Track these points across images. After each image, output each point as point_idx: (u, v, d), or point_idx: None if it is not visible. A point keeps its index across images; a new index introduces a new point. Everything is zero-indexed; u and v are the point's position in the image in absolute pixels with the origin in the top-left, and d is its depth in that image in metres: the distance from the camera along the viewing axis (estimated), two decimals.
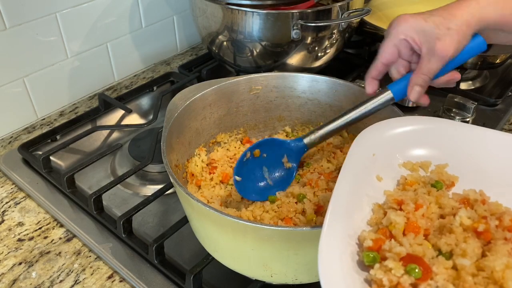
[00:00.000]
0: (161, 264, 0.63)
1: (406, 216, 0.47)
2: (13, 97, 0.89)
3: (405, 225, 0.46)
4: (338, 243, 0.44)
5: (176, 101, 0.66)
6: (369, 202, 0.50)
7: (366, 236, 0.45)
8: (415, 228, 0.46)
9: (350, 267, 0.43)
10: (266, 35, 0.85)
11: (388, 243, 0.44)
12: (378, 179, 0.53)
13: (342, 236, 0.44)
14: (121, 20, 1.01)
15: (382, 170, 0.53)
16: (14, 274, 0.64)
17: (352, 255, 0.44)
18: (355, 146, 0.53)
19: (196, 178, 0.67)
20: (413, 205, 0.48)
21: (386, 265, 0.42)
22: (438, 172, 0.54)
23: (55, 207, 0.74)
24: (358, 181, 0.50)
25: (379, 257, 0.43)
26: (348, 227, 0.46)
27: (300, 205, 0.61)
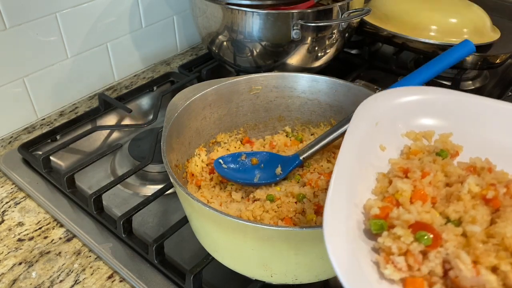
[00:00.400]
0: (161, 264, 0.63)
1: (412, 184, 0.46)
2: (13, 97, 0.89)
3: (412, 193, 0.45)
4: (344, 211, 0.42)
5: (176, 101, 0.66)
6: (373, 171, 0.49)
7: (372, 204, 0.44)
8: (422, 196, 0.45)
9: (356, 235, 0.42)
10: (266, 35, 0.85)
11: (395, 210, 0.43)
12: (382, 148, 0.52)
13: (347, 205, 0.43)
14: (121, 20, 1.01)
15: (385, 139, 0.52)
16: (14, 274, 0.64)
17: (358, 224, 0.43)
18: (358, 115, 0.52)
19: (196, 178, 0.67)
20: (420, 173, 0.47)
21: (395, 232, 0.41)
22: (442, 141, 0.53)
23: (55, 207, 0.74)
24: (361, 150, 0.49)
25: (386, 225, 0.42)
26: (353, 195, 0.45)
27: (300, 205, 0.61)
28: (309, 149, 0.66)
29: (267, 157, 0.69)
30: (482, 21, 0.97)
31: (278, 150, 0.73)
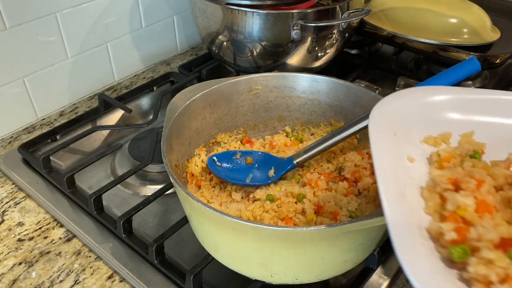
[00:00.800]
0: (161, 264, 0.63)
1: (472, 196, 0.41)
2: (13, 97, 0.89)
3: (475, 206, 0.41)
4: (411, 241, 0.38)
5: (176, 101, 0.66)
6: (413, 188, 0.45)
7: (443, 228, 0.39)
8: (487, 207, 0.40)
9: (436, 266, 0.37)
10: (266, 35, 0.85)
11: (473, 230, 0.38)
12: (410, 160, 0.48)
13: (410, 232, 0.39)
14: (121, 20, 1.01)
15: (408, 149, 0.49)
16: (14, 274, 0.64)
17: (431, 252, 0.38)
18: (374, 131, 0.47)
19: (196, 178, 0.67)
20: (474, 182, 0.43)
21: (485, 256, 0.36)
22: (466, 141, 0.50)
23: (55, 207, 0.74)
24: (393, 168, 0.44)
25: (469, 249, 0.37)
26: (411, 220, 0.40)
27: (300, 205, 0.61)
28: (304, 153, 0.66)
29: (262, 158, 0.70)
30: (482, 21, 0.97)
31: (278, 150, 0.73)
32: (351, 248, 0.53)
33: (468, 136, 0.51)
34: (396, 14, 1.00)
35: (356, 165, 0.68)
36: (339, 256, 0.53)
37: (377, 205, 0.61)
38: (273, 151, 0.73)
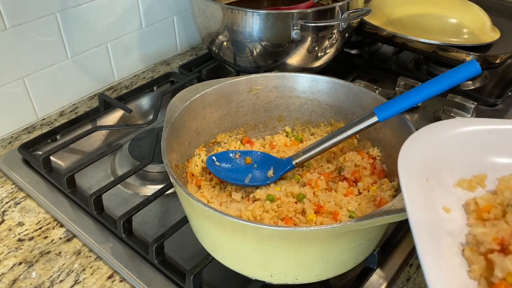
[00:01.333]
0: (161, 264, 0.63)
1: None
2: (13, 97, 0.89)
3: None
4: None
5: (176, 101, 0.66)
6: (452, 243, 0.42)
7: None
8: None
9: None
10: (266, 35, 0.85)
11: None
12: (446, 210, 0.44)
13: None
14: (121, 20, 1.01)
15: (443, 197, 0.45)
16: (14, 274, 0.64)
17: None
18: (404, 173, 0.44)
19: (196, 178, 0.67)
20: None
21: None
22: (505, 187, 0.46)
23: (55, 207, 0.74)
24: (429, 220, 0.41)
25: None
26: (454, 285, 0.37)
27: (300, 205, 0.61)
28: (304, 154, 0.66)
29: (261, 158, 0.70)
30: (482, 21, 0.97)
31: (278, 150, 0.73)
32: (351, 248, 0.53)
33: (506, 180, 0.47)
34: (396, 14, 1.01)
35: (356, 165, 0.68)
36: (339, 256, 0.53)
37: (377, 205, 0.61)
38: (273, 151, 0.73)
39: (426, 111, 0.93)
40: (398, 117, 0.62)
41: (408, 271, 0.64)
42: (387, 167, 0.66)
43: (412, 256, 0.66)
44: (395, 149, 0.63)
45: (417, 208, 0.41)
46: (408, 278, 0.63)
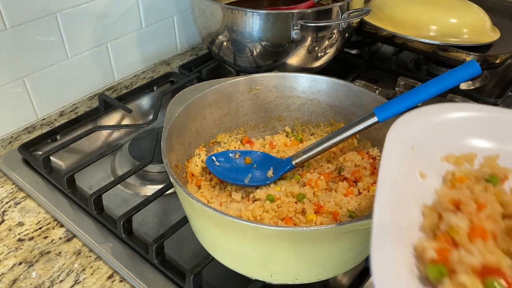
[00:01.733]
0: (161, 264, 0.63)
1: (469, 219, 0.40)
2: (13, 97, 0.89)
3: (469, 230, 0.39)
4: (392, 254, 0.37)
5: (176, 101, 0.66)
6: (416, 204, 0.44)
7: (426, 246, 0.39)
8: (482, 233, 0.39)
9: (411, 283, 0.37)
10: (266, 35, 0.86)
11: (456, 253, 0.37)
12: (422, 175, 0.46)
13: (395, 246, 0.38)
14: (121, 20, 1.01)
15: (423, 165, 0.47)
16: (14, 274, 0.64)
17: (410, 269, 0.38)
18: (390, 140, 0.46)
19: (196, 178, 0.68)
20: (475, 205, 0.41)
21: (460, 280, 0.35)
22: (489, 164, 0.47)
23: (55, 207, 0.74)
24: (400, 180, 0.43)
25: (446, 270, 0.37)
26: (400, 234, 0.39)
27: (300, 205, 0.61)
28: (303, 154, 0.66)
29: (261, 158, 0.70)
30: (482, 21, 0.97)
31: (278, 150, 0.73)
32: (351, 248, 0.53)
33: (492, 159, 0.48)
34: (396, 14, 1.01)
35: (356, 165, 0.68)
36: (339, 256, 0.54)
37: None
38: (273, 151, 0.73)
39: None
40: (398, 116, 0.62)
41: None
42: None
43: None
44: None
45: (390, 166, 0.43)
46: None
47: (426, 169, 0.47)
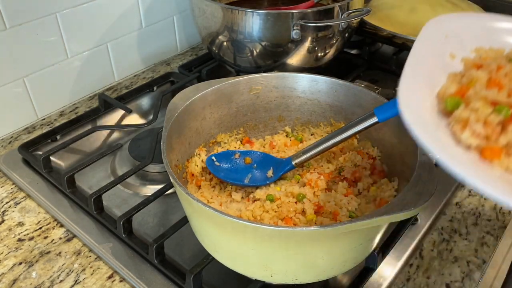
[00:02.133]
0: (161, 264, 0.63)
1: (488, 74, 0.44)
2: (13, 97, 0.89)
3: (487, 82, 0.43)
4: (418, 92, 0.42)
5: (176, 101, 0.66)
6: (444, 73, 0.48)
7: (447, 86, 0.43)
8: (498, 84, 0.43)
9: (431, 112, 0.42)
10: (266, 35, 0.86)
11: (472, 89, 0.42)
12: (452, 56, 0.50)
13: (422, 88, 0.43)
14: (121, 20, 1.01)
15: (454, 49, 0.51)
16: (14, 274, 0.64)
17: (432, 106, 0.42)
18: (428, 27, 0.50)
19: (196, 178, 0.67)
20: (495, 66, 0.45)
21: (473, 106, 0.40)
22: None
23: (55, 207, 0.74)
24: (430, 55, 0.48)
25: (462, 101, 0.41)
26: (426, 81, 0.45)
27: (300, 205, 0.61)
28: (303, 154, 0.66)
29: (261, 158, 0.70)
30: None
31: (278, 150, 0.73)
32: (351, 248, 0.53)
33: None
34: (396, 14, 1.01)
35: (356, 165, 0.68)
36: (339, 256, 0.54)
37: (377, 205, 0.61)
38: (273, 151, 0.73)
39: None
40: (398, 117, 0.62)
41: (408, 271, 0.64)
42: (387, 167, 0.66)
43: (412, 256, 0.66)
44: (395, 149, 0.64)
45: (423, 43, 0.48)
46: (408, 278, 0.63)
47: (456, 52, 0.50)
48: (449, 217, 0.72)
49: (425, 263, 0.65)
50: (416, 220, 0.70)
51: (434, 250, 0.67)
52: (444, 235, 0.69)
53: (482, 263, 0.65)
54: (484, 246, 0.68)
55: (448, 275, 0.63)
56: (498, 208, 0.74)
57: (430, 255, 0.66)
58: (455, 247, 0.67)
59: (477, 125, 0.39)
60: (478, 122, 0.40)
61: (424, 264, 0.65)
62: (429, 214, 0.71)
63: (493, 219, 0.72)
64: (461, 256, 0.66)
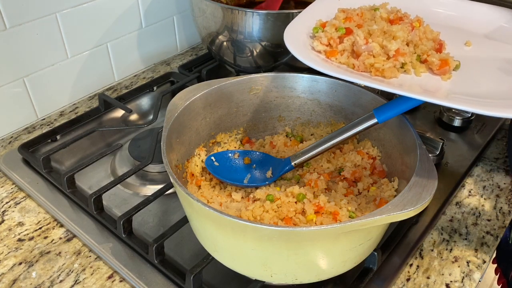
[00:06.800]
0: (161, 264, 0.63)
1: (346, 14, 0.68)
2: (13, 97, 0.89)
3: (344, 20, 0.67)
4: (298, 28, 0.68)
5: (176, 101, 0.66)
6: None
7: (317, 23, 0.68)
8: (350, 19, 0.67)
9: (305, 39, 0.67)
10: (266, 35, 0.85)
11: (329, 22, 0.67)
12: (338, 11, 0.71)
13: (303, 26, 0.68)
14: (121, 20, 1.01)
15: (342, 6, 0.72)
16: (14, 274, 0.64)
17: (308, 38, 0.67)
18: None
19: (196, 178, 0.68)
20: (358, 12, 0.68)
21: (325, 29, 0.66)
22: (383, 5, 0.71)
23: (55, 207, 0.74)
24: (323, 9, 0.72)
25: (321, 29, 0.66)
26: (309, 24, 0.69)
27: (300, 205, 0.61)
28: (302, 154, 0.67)
29: (260, 158, 0.70)
30: None
31: (278, 150, 0.73)
32: (351, 248, 0.53)
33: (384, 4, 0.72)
34: None
35: (356, 165, 0.68)
36: (339, 256, 0.54)
37: (377, 205, 0.61)
38: (273, 151, 0.73)
39: (426, 111, 0.93)
40: (398, 117, 0.62)
41: (408, 271, 0.64)
42: (387, 167, 0.66)
43: (412, 256, 0.66)
44: (395, 149, 0.64)
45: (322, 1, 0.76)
46: (408, 278, 0.63)
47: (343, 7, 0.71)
48: (449, 217, 0.72)
49: (425, 263, 0.65)
50: (416, 220, 0.70)
51: (434, 250, 0.67)
52: (444, 235, 0.69)
53: (482, 263, 0.65)
54: (484, 246, 0.68)
55: (448, 275, 0.63)
56: (498, 208, 0.74)
57: (430, 255, 0.66)
58: (455, 247, 0.67)
59: (324, 39, 0.64)
60: (326, 37, 0.64)
61: (424, 264, 0.65)
62: (429, 214, 0.71)
63: (493, 219, 0.72)
64: (461, 256, 0.66)
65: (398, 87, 0.57)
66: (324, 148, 0.65)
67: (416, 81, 0.60)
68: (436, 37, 0.65)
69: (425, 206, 0.50)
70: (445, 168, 0.79)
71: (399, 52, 0.60)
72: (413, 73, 0.61)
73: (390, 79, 0.60)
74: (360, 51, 0.61)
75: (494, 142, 0.87)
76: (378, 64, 0.60)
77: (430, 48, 0.63)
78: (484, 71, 0.63)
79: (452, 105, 0.52)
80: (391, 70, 0.59)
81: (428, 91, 0.58)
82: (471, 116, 0.88)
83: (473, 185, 0.78)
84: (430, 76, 0.61)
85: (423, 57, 0.62)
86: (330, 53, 0.63)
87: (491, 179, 0.79)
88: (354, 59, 0.62)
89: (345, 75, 0.58)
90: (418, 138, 0.58)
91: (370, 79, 0.58)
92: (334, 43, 0.64)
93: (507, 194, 0.76)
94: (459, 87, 0.59)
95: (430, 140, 0.80)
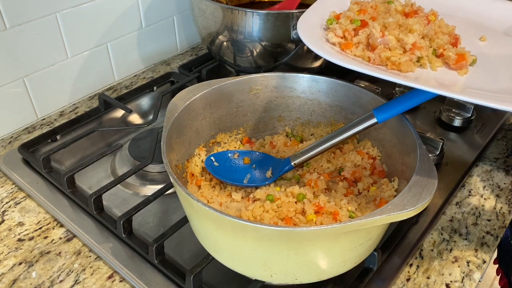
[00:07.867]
0: (161, 264, 0.63)
1: (360, 7, 0.68)
2: (13, 97, 0.89)
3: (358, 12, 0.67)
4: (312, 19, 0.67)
5: (176, 101, 0.66)
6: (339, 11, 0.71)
7: (330, 14, 0.68)
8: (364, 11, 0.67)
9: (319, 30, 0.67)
10: (266, 35, 0.85)
11: (344, 13, 0.67)
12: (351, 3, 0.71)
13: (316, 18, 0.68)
14: (121, 20, 1.01)
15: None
16: (14, 274, 0.64)
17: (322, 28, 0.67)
18: None
19: (196, 178, 0.68)
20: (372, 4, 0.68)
21: (340, 21, 0.65)
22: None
23: (55, 207, 0.74)
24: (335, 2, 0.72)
25: (336, 20, 0.66)
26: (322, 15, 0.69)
27: (300, 205, 0.61)
28: (302, 154, 0.67)
29: (260, 158, 0.70)
30: None
31: (278, 150, 0.73)
32: (351, 248, 0.53)
33: None
34: None
35: (356, 165, 0.68)
36: (339, 256, 0.54)
37: (377, 205, 0.61)
38: (273, 151, 0.73)
39: (426, 111, 0.93)
40: (398, 117, 0.62)
41: (408, 271, 0.64)
42: (387, 167, 0.66)
43: (412, 256, 0.66)
44: (395, 149, 0.64)
45: None
46: (408, 278, 0.63)
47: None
48: (449, 217, 0.72)
49: (425, 263, 0.65)
50: (416, 220, 0.70)
51: (434, 250, 0.67)
52: (444, 235, 0.69)
53: (482, 263, 0.65)
54: (484, 246, 0.68)
55: (448, 275, 0.63)
56: (498, 208, 0.74)
57: (430, 255, 0.66)
58: (455, 247, 0.67)
59: (338, 31, 0.64)
60: (340, 29, 0.64)
61: (424, 264, 0.65)
62: (429, 214, 0.71)
63: (493, 219, 0.72)
64: (461, 256, 0.66)
65: (414, 80, 0.57)
66: (324, 148, 0.65)
67: (431, 75, 0.60)
68: (451, 31, 0.65)
69: (425, 206, 0.50)
70: (445, 168, 0.79)
71: (415, 45, 0.60)
72: (428, 68, 0.61)
73: (407, 73, 0.59)
74: (376, 44, 0.61)
75: (494, 142, 0.87)
76: (394, 58, 0.59)
77: (446, 42, 0.63)
78: (502, 67, 0.62)
79: (470, 99, 0.51)
80: (408, 64, 0.59)
81: (444, 85, 0.57)
82: (471, 116, 0.88)
83: (473, 185, 0.78)
84: (445, 70, 0.61)
85: (439, 51, 0.62)
86: (345, 45, 0.63)
87: (491, 179, 0.79)
88: (370, 52, 0.61)
89: (361, 67, 0.57)
90: (418, 138, 0.58)
91: (386, 73, 0.58)
92: (349, 36, 0.63)
93: (507, 194, 0.76)
94: (476, 82, 0.58)
95: (430, 140, 0.80)
